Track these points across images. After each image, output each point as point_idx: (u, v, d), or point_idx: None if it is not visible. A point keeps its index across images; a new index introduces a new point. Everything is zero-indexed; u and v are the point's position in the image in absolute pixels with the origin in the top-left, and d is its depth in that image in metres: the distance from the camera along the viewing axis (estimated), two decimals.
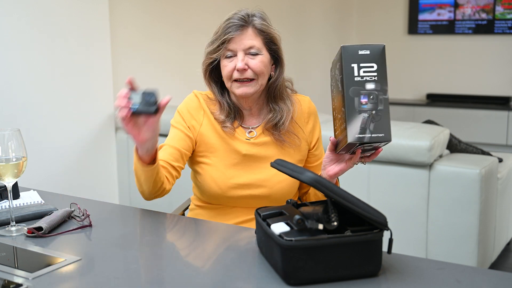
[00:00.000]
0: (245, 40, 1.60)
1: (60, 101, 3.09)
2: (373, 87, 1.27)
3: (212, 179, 1.64)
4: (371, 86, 1.27)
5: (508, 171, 2.94)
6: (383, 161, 2.64)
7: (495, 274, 1.15)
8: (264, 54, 1.62)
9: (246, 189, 1.63)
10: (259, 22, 1.62)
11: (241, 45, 1.59)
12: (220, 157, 1.65)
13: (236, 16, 1.61)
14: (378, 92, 1.27)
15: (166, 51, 3.83)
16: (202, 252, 1.32)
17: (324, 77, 5.97)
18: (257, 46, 1.61)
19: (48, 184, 2.98)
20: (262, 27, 1.62)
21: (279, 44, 1.66)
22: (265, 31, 1.62)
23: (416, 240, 2.63)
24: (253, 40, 1.60)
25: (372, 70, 1.27)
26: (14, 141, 1.37)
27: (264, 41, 1.63)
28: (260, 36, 1.62)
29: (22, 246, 1.31)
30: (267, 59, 1.63)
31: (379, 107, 1.28)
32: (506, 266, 3.10)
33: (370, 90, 1.28)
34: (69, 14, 3.09)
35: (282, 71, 1.68)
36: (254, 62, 1.60)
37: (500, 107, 5.39)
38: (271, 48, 1.64)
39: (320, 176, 1.14)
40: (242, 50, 1.60)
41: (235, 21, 1.60)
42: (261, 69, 1.60)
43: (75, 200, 1.66)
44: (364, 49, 1.29)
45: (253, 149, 1.66)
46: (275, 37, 1.64)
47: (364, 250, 1.10)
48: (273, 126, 1.67)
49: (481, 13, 5.75)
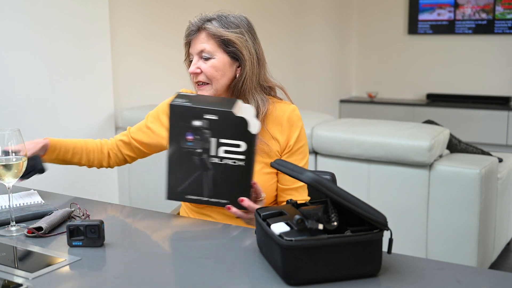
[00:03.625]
0: (198, 44, 1.62)
1: (60, 101, 3.09)
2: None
3: None
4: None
5: (508, 171, 2.94)
6: (383, 161, 2.64)
7: (495, 274, 1.15)
8: (217, 58, 1.60)
9: None
10: (213, 25, 1.61)
11: (194, 49, 1.63)
12: None
13: (193, 20, 1.64)
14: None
15: (166, 52, 3.82)
16: (202, 251, 1.32)
17: (324, 77, 5.97)
18: (208, 50, 1.60)
19: (48, 184, 2.98)
20: (215, 31, 1.60)
21: (239, 45, 1.61)
22: (216, 34, 1.60)
23: (416, 240, 2.63)
24: (205, 43, 1.61)
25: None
26: (14, 141, 1.37)
27: (218, 44, 1.61)
28: (212, 40, 1.61)
29: (22, 246, 1.31)
30: (222, 62, 1.61)
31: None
32: (506, 266, 3.10)
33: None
34: (69, 15, 3.09)
35: (246, 72, 1.63)
36: (204, 66, 1.61)
37: (500, 107, 5.39)
38: (229, 50, 1.62)
39: (320, 176, 1.14)
40: (196, 54, 1.62)
41: (191, 26, 1.64)
42: (212, 73, 1.60)
43: (75, 200, 1.66)
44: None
45: None
46: (229, 39, 1.60)
47: (364, 250, 1.10)
48: None
49: (481, 13, 5.75)
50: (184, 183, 1.29)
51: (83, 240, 1.30)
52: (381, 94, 6.25)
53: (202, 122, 1.25)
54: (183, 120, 1.25)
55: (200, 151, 1.26)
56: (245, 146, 1.29)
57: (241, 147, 1.29)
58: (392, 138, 2.60)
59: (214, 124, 1.25)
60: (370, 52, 6.34)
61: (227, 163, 1.29)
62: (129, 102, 3.54)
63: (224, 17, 1.64)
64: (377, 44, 6.29)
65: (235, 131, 1.28)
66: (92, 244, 1.30)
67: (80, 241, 1.30)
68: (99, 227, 1.30)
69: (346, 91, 6.32)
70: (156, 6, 3.76)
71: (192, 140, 1.25)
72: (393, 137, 2.60)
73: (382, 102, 5.99)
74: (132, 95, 3.54)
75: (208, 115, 1.25)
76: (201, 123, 1.25)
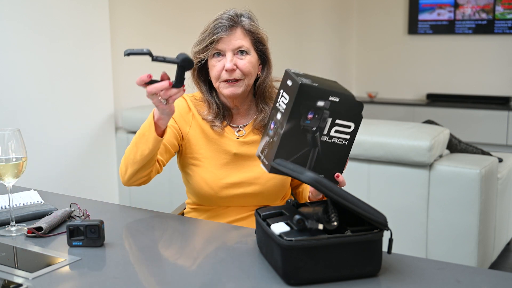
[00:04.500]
0: (234, 40, 1.60)
1: (61, 101, 3.09)
2: (278, 118, 1.32)
3: (203, 180, 1.64)
4: (278, 116, 1.32)
5: (508, 171, 2.94)
6: (383, 161, 2.64)
7: (495, 274, 1.15)
8: (252, 55, 1.62)
9: (238, 187, 1.63)
10: (248, 22, 1.62)
11: (230, 45, 1.59)
12: (210, 158, 1.65)
13: (225, 16, 1.61)
14: (278, 123, 1.32)
15: (166, 52, 3.81)
16: (202, 252, 1.32)
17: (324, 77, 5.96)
18: (246, 46, 1.61)
19: (48, 184, 2.98)
20: (251, 28, 1.62)
21: (267, 45, 1.66)
22: (254, 31, 1.62)
23: (416, 240, 2.63)
24: (242, 40, 1.60)
25: (284, 101, 1.32)
26: (14, 141, 1.37)
27: (252, 42, 1.63)
28: (248, 37, 1.62)
29: (22, 246, 1.31)
30: (255, 60, 1.63)
31: (274, 138, 1.32)
32: (506, 266, 3.10)
33: (275, 119, 1.33)
34: (69, 15, 3.09)
35: (270, 71, 1.68)
36: (243, 63, 1.60)
37: (500, 107, 5.39)
38: (259, 49, 1.65)
39: (320, 176, 1.14)
40: (230, 50, 1.60)
41: (223, 21, 1.60)
42: (249, 69, 1.61)
43: (75, 200, 1.66)
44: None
45: (243, 147, 1.66)
46: (263, 38, 1.65)
47: (364, 250, 1.10)
48: (262, 126, 1.68)
49: (481, 13, 5.75)
50: (291, 157, 1.32)
51: (83, 240, 1.30)
52: (381, 94, 6.25)
53: (325, 103, 1.28)
54: (309, 100, 1.27)
55: (315, 129, 1.29)
56: (354, 126, 1.34)
57: (350, 128, 1.34)
58: (392, 138, 2.60)
59: (335, 105, 1.30)
60: (370, 52, 6.34)
61: (335, 142, 1.33)
62: (129, 102, 3.54)
63: (253, 15, 1.66)
64: (377, 44, 6.29)
65: (351, 113, 1.33)
66: (92, 244, 1.30)
67: (80, 241, 1.30)
68: (99, 227, 1.30)
69: None
70: (156, 6, 3.76)
71: (311, 118, 1.28)
72: (393, 137, 2.60)
73: (382, 102, 5.99)
74: (132, 95, 3.54)
75: (333, 97, 1.28)
76: (324, 104, 1.27)
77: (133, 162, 1.55)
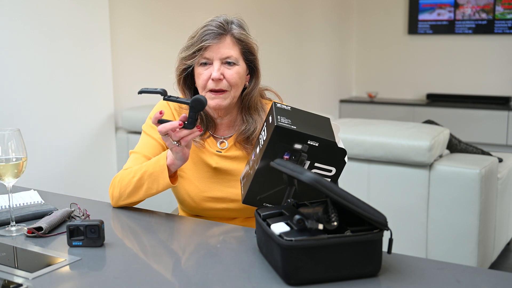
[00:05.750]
0: (223, 49, 1.53)
1: (61, 101, 3.09)
2: (257, 151, 1.33)
3: (185, 192, 1.61)
4: (257, 150, 1.34)
5: (508, 171, 2.94)
6: (383, 161, 2.64)
7: (495, 274, 1.15)
8: (240, 65, 1.56)
9: (220, 202, 1.61)
10: (238, 30, 1.56)
11: (218, 53, 1.53)
12: (192, 170, 1.62)
13: (214, 23, 1.55)
14: (256, 157, 1.34)
15: (166, 52, 3.82)
16: (202, 251, 1.32)
17: (324, 77, 5.97)
18: (234, 56, 1.55)
19: (48, 184, 2.98)
20: (241, 36, 1.56)
21: (256, 55, 1.60)
22: (244, 40, 1.56)
23: (416, 240, 2.63)
24: (231, 49, 1.54)
25: (263, 137, 1.33)
26: (14, 141, 1.37)
27: (242, 51, 1.57)
28: (238, 46, 1.56)
29: (22, 246, 1.31)
30: (243, 70, 1.58)
31: (251, 171, 1.36)
32: (506, 266, 3.10)
33: (255, 152, 1.36)
34: (69, 15, 3.09)
35: (258, 82, 1.62)
36: (230, 73, 1.54)
37: (500, 107, 5.39)
38: (248, 58, 1.59)
39: (320, 176, 1.14)
40: (218, 59, 1.53)
41: (213, 28, 1.53)
42: (236, 80, 1.55)
43: (75, 200, 1.66)
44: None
45: (223, 162, 1.61)
46: (252, 47, 1.58)
47: (364, 250, 1.10)
48: (245, 139, 1.62)
49: (481, 13, 5.75)
50: (265, 193, 1.31)
51: (83, 240, 1.30)
52: (381, 94, 6.25)
53: (302, 146, 1.25)
54: (285, 142, 1.25)
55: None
56: (335, 171, 1.31)
57: (331, 172, 1.32)
58: (392, 138, 2.60)
59: (314, 149, 1.26)
60: (370, 52, 6.34)
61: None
62: (129, 102, 3.54)
63: (243, 23, 1.59)
64: (377, 44, 6.29)
65: (332, 159, 1.30)
66: (92, 244, 1.30)
67: (80, 241, 1.30)
68: (99, 227, 1.30)
69: (346, 91, 6.33)
70: (156, 6, 3.76)
71: (287, 159, 1.26)
72: (393, 137, 2.60)
73: (382, 102, 5.99)
74: (132, 95, 3.54)
75: (312, 141, 1.25)
76: (301, 147, 1.25)
77: (133, 195, 1.55)
